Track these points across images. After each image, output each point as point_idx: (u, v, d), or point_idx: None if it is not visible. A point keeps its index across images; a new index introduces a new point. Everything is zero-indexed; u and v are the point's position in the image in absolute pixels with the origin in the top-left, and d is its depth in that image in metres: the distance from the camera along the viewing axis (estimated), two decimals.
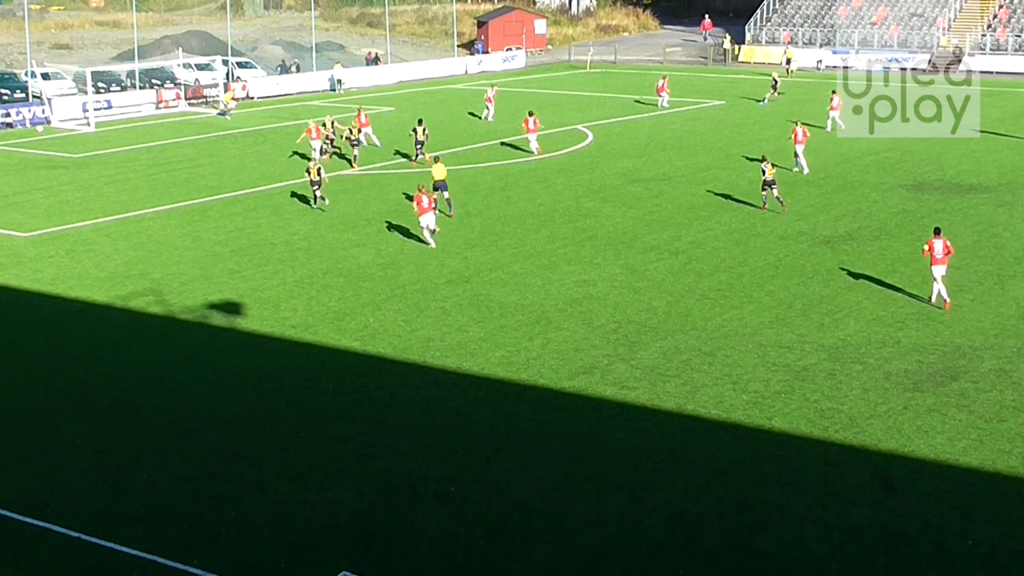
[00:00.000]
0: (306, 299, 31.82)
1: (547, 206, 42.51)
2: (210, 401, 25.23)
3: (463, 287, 32.74)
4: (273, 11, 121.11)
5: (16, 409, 24.85)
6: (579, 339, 28.49)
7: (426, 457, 22.53)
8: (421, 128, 50.33)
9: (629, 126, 61.43)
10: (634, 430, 23.66)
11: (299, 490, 21.14)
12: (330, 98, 74.33)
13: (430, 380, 26.28)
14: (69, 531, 19.54)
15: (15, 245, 37.79)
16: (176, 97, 69.98)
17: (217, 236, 38.60)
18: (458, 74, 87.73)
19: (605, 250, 36.47)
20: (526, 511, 20.45)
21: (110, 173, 49.46)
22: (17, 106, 64.57)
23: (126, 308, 31.36)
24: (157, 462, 22.36)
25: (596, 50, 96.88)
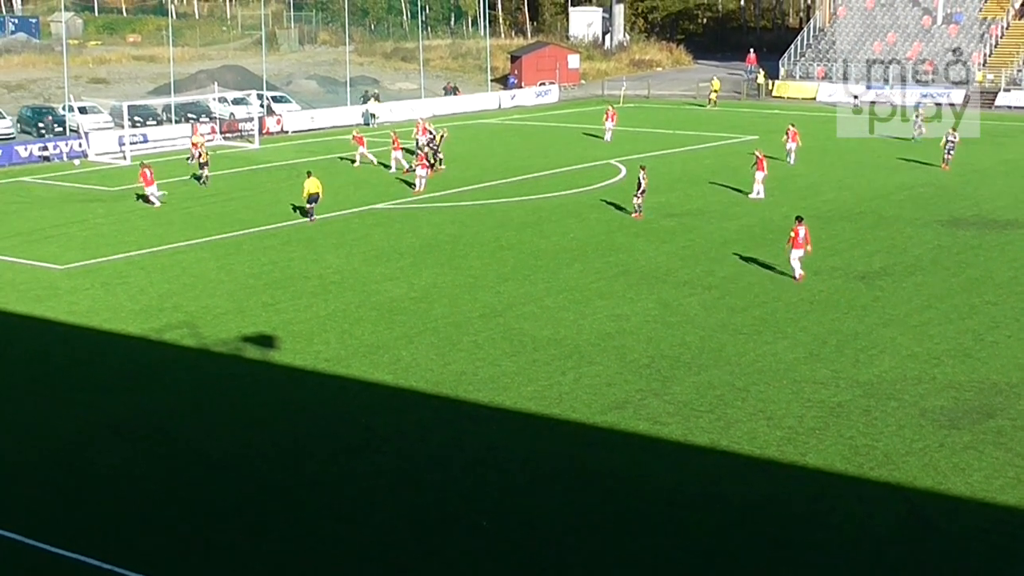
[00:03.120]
0: (339, 332, 31.87)
1: (580, 240, 42.50)
2: (243, 434, 25.26)
3: (496, 321, 32.73)
4: (308, 46, 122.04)
5: (51, 440, 24.94)
6: (612, 374, 28.40)
7: (458, 491, 22.48)
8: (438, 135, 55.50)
9: (662, 160, 61.36)
10: (667, 466, 23.54)
11: (331, 524, 21.11)
12: (365, 132, 74.50)
13: (462, 414, 26.25)
14: (103, 563, 19.55)
15: (51, 278, 38.04)
16: (211, 131, 70.43)
17: (251, 269, 38.75)
18: (491, 108, 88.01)
19: (638, 284, 36.40)
20: (558, 547, 20.34)
21: (145, 206, 49.75)
22: (55, 140, 65.14)
23: (160, 341, 31.48)
24: (190, 494, 22.39)
25: (629, 85, 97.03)
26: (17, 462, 23.93)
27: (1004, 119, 78.56)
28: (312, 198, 45.66)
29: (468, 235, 43.49)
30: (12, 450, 24.47)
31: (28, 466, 23.75)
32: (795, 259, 36.41)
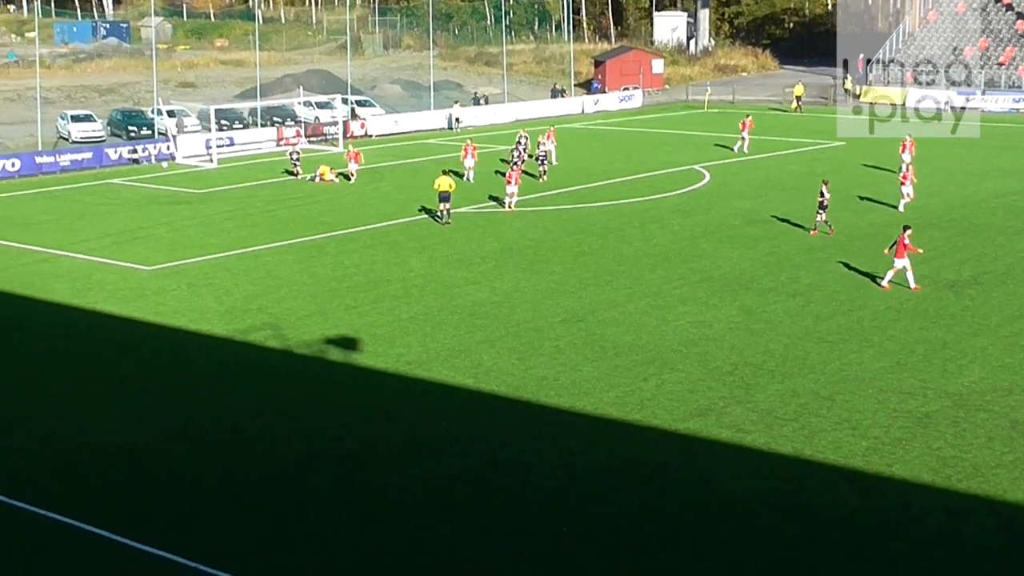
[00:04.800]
0: (421, 336, 31.92)
1: (663, 246, 42.24)
2: (325, 436, 25.37)
3: (577, 326, 32.60)
4: (392, 50, 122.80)
5: (137, 439, 25.23)
6: (694, 380, 28.16)
7: (538, 496, 22.40)
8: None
9: (747, 166, 60.91)
10: (750, 474, 23.27)
11: (411, 527, 21.12)
12: (447, 136, 74.88)
13: (543, 419, 26.16)
14: (188, 561, 19.73)
15: (139, 278, 38.53)
16: (296, 134, 71.02)
17: (334, 272, 38.97)
18: (574, 113, 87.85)
19: (721, 291, 36.09)
20: (638, 554, 20.19)
21: (231, 209, 50.29)
22: (144, 143, 66.08)
23: (245, 342, 31.74)
24: (272, 495, 22.51)
25: (714, 90, 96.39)
26: (101, 459, 24.23)
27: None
28: (444, 196, 45.43)
29: (550, 240, 43.40)
30: (96, 447, 24.78)
31: (111, 463, 24.04)
32: (898, 269, 35.62)
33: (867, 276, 37.31)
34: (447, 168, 49.11)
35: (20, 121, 75.79)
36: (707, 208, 49.47)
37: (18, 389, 28.40)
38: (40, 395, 27.96)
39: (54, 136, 69.78)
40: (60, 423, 26.13)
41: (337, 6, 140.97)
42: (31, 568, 19.84)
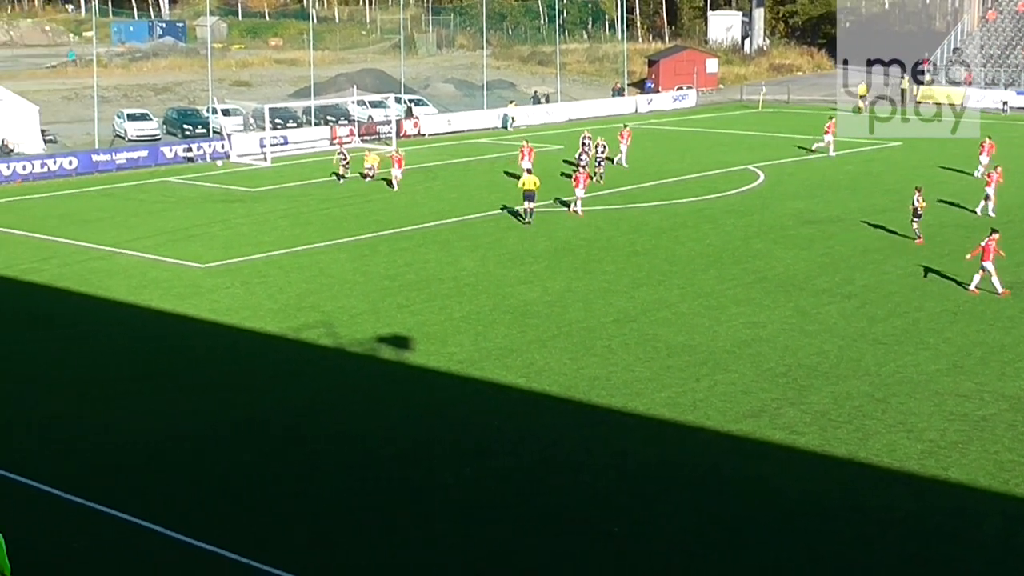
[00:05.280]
0: (473, 335, 31.93)
1: (716, 246, 42.02)
2: (376, 434, 25.42)
3: (630, 326, 32.49)
4: (445, 50, 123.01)
5: (189, 435, 25.39)
6: (747, 381, 27.98)
7: (589, 496, 22.33)
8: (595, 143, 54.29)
9: (802, 166, 60.50)
10: (803, 476, 23.09)
11: (463, 525, 21.13)
12: (501, 135, 74.88)
13: (595, 419, 26.08)
14: (240, 556, 19.84)
15: (194, 276, 38.80)
16: (350, 134, 71.31)
17: (386, 271, 39.05)
18: (628, 112, 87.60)
19: (775, 292, 35.85)
20: (690, 555, 20.08)
21: (284, 207, 50.54)
22: (198, 141, 66.55)
23: (297, 339, 31.88)
24: (323, 492, 22.59)
25: (768, 89, 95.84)
26: (155, 455, 24.40)
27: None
28: (528, 195, 45.51)
29: (602, 240, 43.29)
30: (151, 443, 24.95)
31: (166, 459, 24.20)
32: (986, 272, 35.12)
33: (948, 277, 36.95)
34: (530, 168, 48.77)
35: (77, 120, 76.59)
36: (761, 208, 49.17)
37: (74, 385, 28.66)
38: (95, 391, 28.20)
39: (110, 134, 70.46)
40: (115, 419, 26.34)
41: (391, 6, 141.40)
42: (86, 562, 20.00)
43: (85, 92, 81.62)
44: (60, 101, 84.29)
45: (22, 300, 36.49)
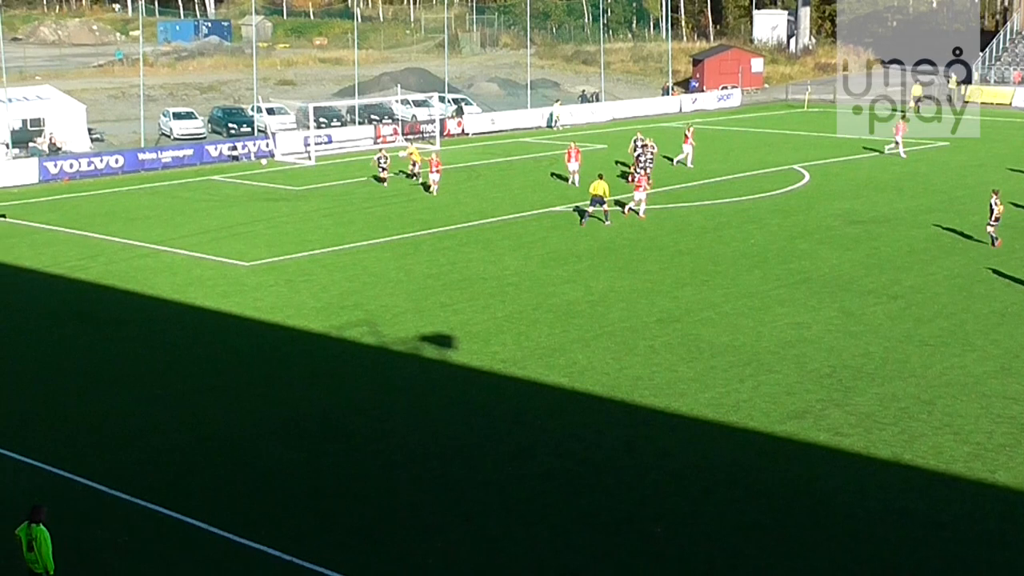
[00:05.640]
0: (515, 334, 31.89)
1: (760, 247, 41.79)
2: (419, 432, 25.44)
3: (673, 326, 32.36)
4: (489, 49, 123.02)
5: (232, 432, 25.51)
6: (791, 382, 27.80)
7: (631, 496, 22.26)
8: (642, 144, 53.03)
9: (847, 166, 60.07)
10: (848, 478, 22.91)
11: (504, 524, 21.10)
12: (546, 134, 74.81)
13: (637, 419, 26.00)
14: (283, 554, 19.91)
15: (238, 274, 38.97)
16: (393, 132, 71.44)
17: (429, 270, 39.09)
18: (672, 112, 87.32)
19: (820, 292, 35.61)
20: (733, 556, 19.97)
21: (328, 206, 50.68)
22: (243, 140, 66.82)
23: (340, 338, 31.95)
24: (365, 490, 22.63)
25: (814, 89, 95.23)
26: (198, 452, 24.52)
27: None
28: (596, 199, 45.14)
29: (646, 239, 43.16)
30: (194, 440, 25.08)
31: (208, 456, 24.32)
32: None
33: (969, 280, 36.59)
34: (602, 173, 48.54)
35: (124, 118, 77.17)
36: (806, 208, 48.86)
37: (119, 382, 28.86)
38: (140, 388, 28.37)
39: (156, 133, 70.91)
40: (159, 416, 26.50)
41: (435, 5, 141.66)
42: (130, 558, 20.12)
43: (131, 91, 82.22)
44: (107, 100, 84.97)
45: (69, 297, 36.76)
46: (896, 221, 45.86)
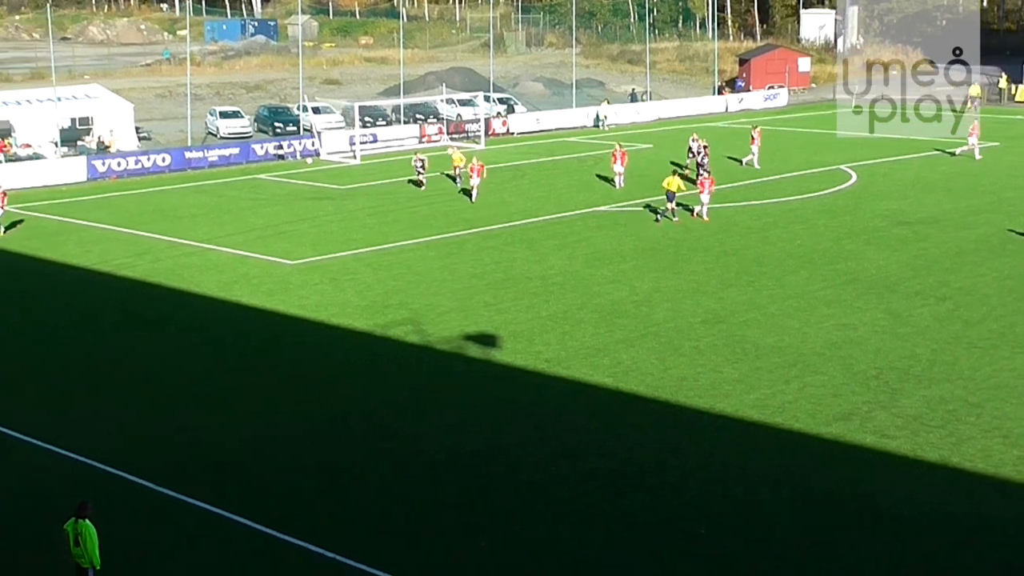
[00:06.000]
0: (559, 334, 31.83)
1: (807, 247, 41.52)
2: (462, 431, 25.43)
3: (718, 327, 32.20)
4: (535, 48, 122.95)
5: (277, 430, 25.59)
6: (837, 384, 27.60)
7: (676, 497, 22.16)
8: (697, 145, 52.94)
9: (895, 167, 59.60)
10: (894, 480, 22.72)
11: (549, 525, 21.05)
12: (593, 134, 74.68)
13: (682, 420, 25.89)
14: (325, 551, 19.95)
15: (283, 272, 39.12)
16: (438, 132, 71.53)
17: (473, 269, 39.09)
18: (718, 112, 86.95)
19: (867, 294, 35.33)
20: (777, 559, 19.84)
21: (373, 205, 50.78)
22: (289, 139, 67.12)
23: (385, 336, 32.00)
24: (408, 489, 22.64)
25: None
26: (243, 449, 24.63)
27: None
28: (670, 195, 45.32)
29: (691, 239, 42.98)
30: (239, 438, 25.20)
31: (253, 453, 24.41)
32: None
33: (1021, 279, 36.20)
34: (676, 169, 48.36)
35: (171, 117, 77.68)
36: (853, 209, 48.51)
37: (165, 379, 29.03)
38: (185, 386, 28.54)
39: (203, 132, 71.34)
40: (204, 413, 26.64)
41: (481, 4, 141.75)
42: (178, 555, 20.22)
43: (179, 90, 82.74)
44: (154, 99, 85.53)
45: (116, 294, 37.03)
46: (944, 222, 45.44)
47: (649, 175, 56.09)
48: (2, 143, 60.21)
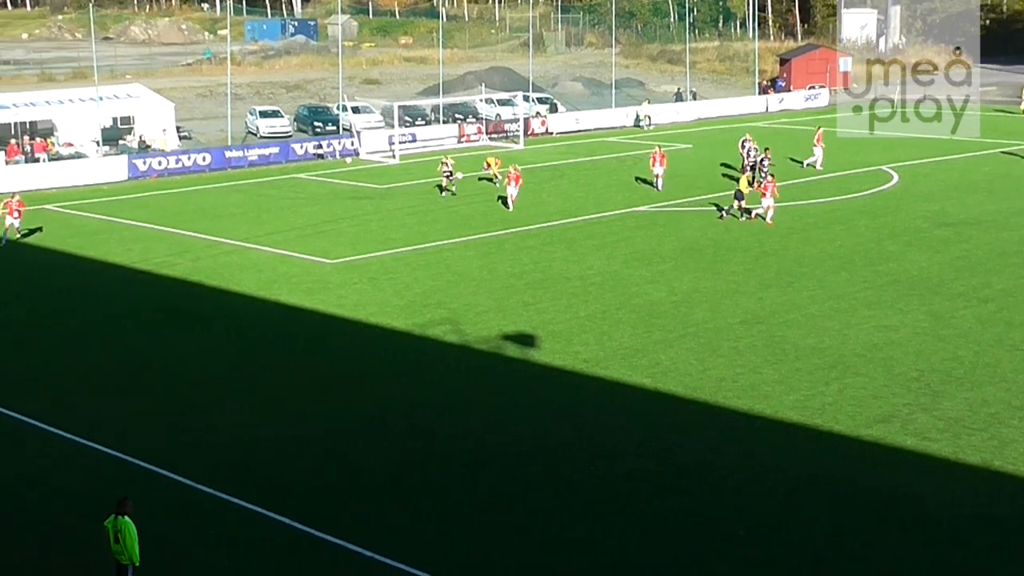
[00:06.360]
0: (598, 334, 31.77)
1: (847, 248, 41.27)
2: (500, 431, 25.41)
3: (757, 328, 32.05)
4: (574, 48, 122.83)
5: (316, 429, 25.65)
6: (878, 386, 27.40)
7: (714, 498, 22.06)
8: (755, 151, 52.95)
9: (937, 167, 59.16)
10: (935, 483, 22.54)
11: (587, 525, 21.00)
12: (630, 134, 74.53)
13: (720, 421, 25.77)
14: (364, 550, 19.97)
15: (322, 271, 39.23)
16: (477, 131, 71.56)
17: (512, 268, 39.07)
18: (758, 112, 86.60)
19: (908, 295, 35.08)
20: (816, 561, 19.72)
21: (412, 204, 50.85)
22: (328, 138, 67.34)
23: (423, 336, 32.03)
24: (446, 489, 22.64)
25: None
26: (282, 448, 24.69)
27: None
28: (739, 194, 45.46)
29: (730, 240, 42.80)
30: (278, 436, 25.26)
31: (292, 452, 24.47)
32: None
33: None
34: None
35: (211, 116, 78.06)
36: (894, 209, 48.19)
37: (204, 378, 29.16)
38: (224, 384, 28.67)
39: (243, 131, 71.66)
40: (243, 412, 26.74)
41: (520, 4, 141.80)
42: (214, 552, 20.29)
43: (219, 89, 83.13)
44: (195, 98, 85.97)
45: (156, 293, 37.23)
46: (987, 223, 45.07)
47: (688, 175, 56.03)
48: (45, 142, 60.66)
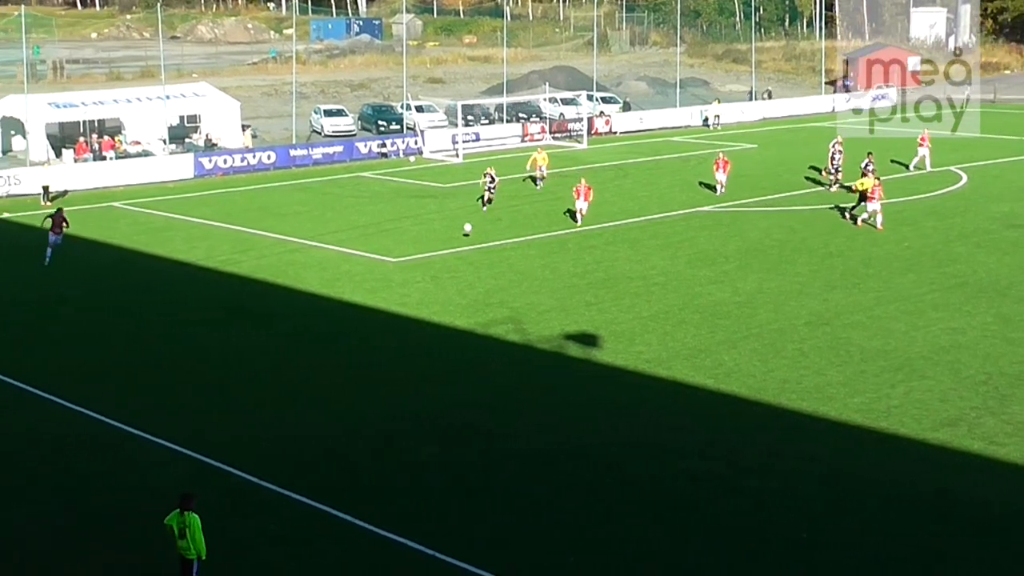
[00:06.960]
0: (661, 334, 31.61)
1: (915, 249, 40.79)
2: (561, 431, 25.34)
3: (822, 329, 31.74)
4: (639, 47, 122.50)
5: (377, 426, 25.71)
6: (945, 389, 27.04)
7: (777, 501, 21.87)
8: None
9: (1008, 168, 58.36)
10: (1004, 488, 22.20)
11: (647, 526, 20.89)
12: (697, 133, 74.14)
13: (784, 423, 25.55)
14: (425, 548, 19.97)
15: (385, 270, 39.34)
16: (541, 131, 71.48)
17: (575, 268, 38.97)
18: (825, 112, 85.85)
19: (976, 297, 34.60)
20: (881, 565, 19.49)
21: (475, 203, 50.84)
22: (392, 137, 67.55)
23: (486, 335, 32.02)
24: (507, 488, 22.61)
25: (973, 88, 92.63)
26: (344, 444, 24.78)
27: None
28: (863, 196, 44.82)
29: (796, 240, 42.44)
30: (340, 433, 25.36)
31: (354, 449, 24.56)
32: None
33: None
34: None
35: (276, 115, 78.58)
36: (963, 211, 47.58)
37: (268, 374, 29.33)
38: (288, 381, 28.80)
39: (308, 130, 72.06)
40: (306, 408, 26.86)
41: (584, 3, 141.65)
42: (278, 547, 20.38)
43: (284, 88, 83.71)
44: (260, 97, 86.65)
45: (221, 291, 37.52)
46: None
47: (753, 175, 55.65)
48: (112, 140, 61.34)
